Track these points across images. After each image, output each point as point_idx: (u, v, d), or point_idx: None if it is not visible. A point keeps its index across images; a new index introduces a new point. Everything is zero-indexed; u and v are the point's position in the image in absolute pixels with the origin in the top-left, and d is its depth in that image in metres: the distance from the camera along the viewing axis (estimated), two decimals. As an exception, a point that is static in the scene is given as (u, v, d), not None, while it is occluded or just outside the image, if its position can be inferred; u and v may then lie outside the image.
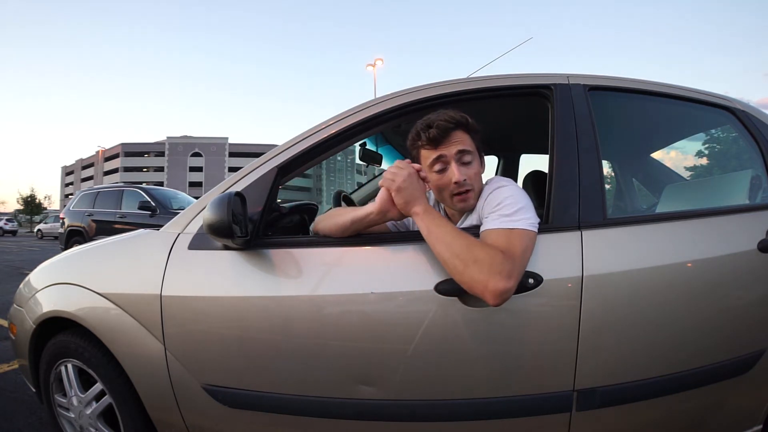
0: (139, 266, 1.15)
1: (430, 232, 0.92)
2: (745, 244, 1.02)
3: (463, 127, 1.02)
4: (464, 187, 1.01)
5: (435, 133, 1.00)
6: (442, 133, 1.00)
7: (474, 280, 0.83)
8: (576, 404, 0.94)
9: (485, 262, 0.83)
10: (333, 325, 0.97)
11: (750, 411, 1.08)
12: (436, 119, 1.01)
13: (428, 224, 0.93)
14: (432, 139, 1.01)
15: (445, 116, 1.01)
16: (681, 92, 1.25)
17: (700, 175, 1.94)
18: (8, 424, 1.70)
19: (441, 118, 1.00)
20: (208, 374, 1.04)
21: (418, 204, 0.96)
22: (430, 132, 1.00)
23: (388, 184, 0.97)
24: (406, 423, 0.96)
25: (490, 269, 0.82)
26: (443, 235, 0.90)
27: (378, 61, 18.96)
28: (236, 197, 0.95)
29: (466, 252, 0.86)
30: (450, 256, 0.87)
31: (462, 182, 1.00)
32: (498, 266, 0.83)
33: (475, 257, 0.84)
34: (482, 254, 0.85)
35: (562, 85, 1.13)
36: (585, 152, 1.05)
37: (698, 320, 0.98)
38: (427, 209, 0.96)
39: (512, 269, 0.83)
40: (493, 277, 0.82)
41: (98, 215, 6.56)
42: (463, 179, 1.00)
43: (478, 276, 0.83)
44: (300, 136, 1.14)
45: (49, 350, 1.30)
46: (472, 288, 0.84)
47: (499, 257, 0.84)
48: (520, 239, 0.89)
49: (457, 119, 1.01)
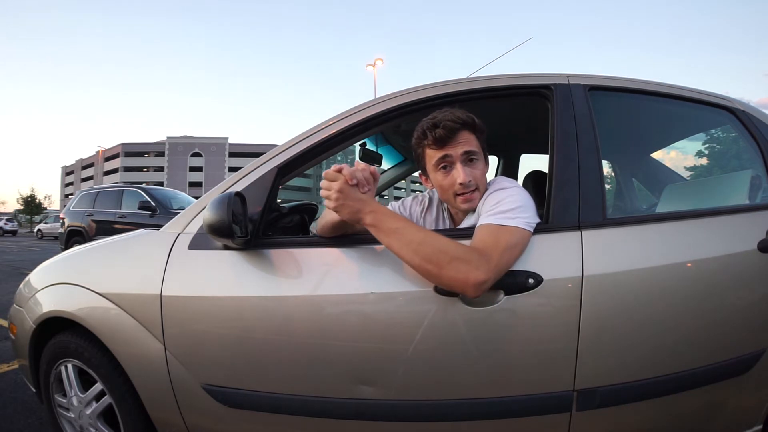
0: (139, 266, 1.15)
1: (390, 241, 0.88)
2: (745, 244, 1.02)
3: (469, 128, 1.01)
4: (469, 188, 1.00)
5: (441, 133, 0.99)
6: (448, 133, 0.99)
7: (451, 279, 0.84)
8: (576, 404, 0.94)
9: (460, 260, 0.84)
10: (333, 325, 0.97)
11: (750, 411, 1.08)
12: (442, 119, 1.00)
13: (385, 232, 0.89)
14: (438, 139, 1.00)
15: (452, 116, 1.00)
16: (681, 92, 1.25)
17: (700, 175, 1.93)
18: (8, 424, 1.70)
19: (448, 117, 1.00)
20: (208, 374, 1.04)
21: (364, 213, 0.90)
22: (437, 132, 0.99)
23: (326, 204, 0.93)
24: (406, 423, 0.96)
25: (467, 264, 0.83)
26: (406, 241, 0.87)
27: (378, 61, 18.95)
28: (236, 197, 0.95)
29: (438, 254, 0.85)
30: (421, 261, 0.85)
31: (467, 183, 0.99)
32: (475, 261, 0.84)
33: (448, 258, 0.84)
34: (455, 253, 0.85)
35: (562, 85, 1.13)
36: (585, 152, 1.05)
37: (698, 320, 0.98)
38: (377, 216, 0.90)
39: (487, 262, 0.84)
40: (473, 272, 0.83)
41: (98, 215, 6.56)
42: (468, 180, 0.99)
43: (453, 275, 0.83)
44: (300, 136, 1.14)
45: (49, 350, 1.30)
46: (451, 286, 0.86)
47: (474, 254, 0.85)
48: (508, 236, 0.89)
49: (464, 119, 1.00)
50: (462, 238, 0.98)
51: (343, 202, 0.90)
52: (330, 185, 0.91)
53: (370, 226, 0.90)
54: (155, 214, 5.76)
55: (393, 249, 0.89)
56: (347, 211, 0.90)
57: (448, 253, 0.85)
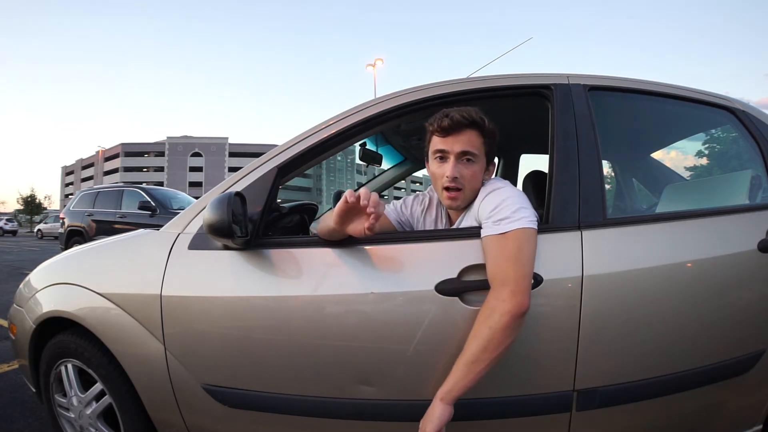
0: (139, 266, 1.15)
1: (471, 381, 0.87)
2: (745, 244, 1.02)
3: (476, 128, 1.01)
4: (454, 184, 1.00)
5: (447, 124, 0.99)
6: (453, 126, 0.99)
7: (507, 326, 0.85)
8: (576, 404, 0.94)
9: (492, 313, 0.85)
10: (333, 325, 0.97)
11: (750, 411, 1.08)
12: (453, 112, 1.00)
13: (468, 381, 0.87)
14: (442, 128, 1.01)
15: (463, 112, 1.00)
16: (681, 92, 1.25)
17: (700, 175, 1.93)
18: (8, 424, 1.70)
19: (459, 112, 1.00)
20: (208, 374, 1.04)
21: (444, 403, 0.88)
22: (444, 121, 1.00)
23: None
24: (406, 423, 0.96)
25: (503, 305, 0.85)
26: (473, 361, 0.86)
27: (378, 61, 18.98)
28: (236, 197, 0.95)
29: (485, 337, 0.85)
30: (492, 354, 0.85)
31: (452, 178, 1.00)
32: (504, 296, 0.85)
33: (494, 322, 0.85)
34: (487, 315, 0.86)
35: (562, 85, 1.13)
36: (585, 152, 1.05)
37: (698, 320, 0.98)
38: (451, 394, 0.87)
39: (515, 286, 0.86)
40: (511, 308, 0.84)
41: (98, 215, 6.56)
42: (453, 176, 0.99)
43: (505, 323, 0.85)
44: (300, 136, 1.14)
45: (49, 350, 1.29)
46: (515, 325, 0.86)
47: (497, 294, 0.86)
48: (516, 241, 0.89)
49: (473, 118, 1.00)
50: (461, 239, 0.99)
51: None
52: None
53: (451, 403, 0.88)
54: (155, 214, 5.76)
55: (479, 378, 0.87)
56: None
57: (487, 326, 0.85)
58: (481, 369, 0.86)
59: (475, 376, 0.86)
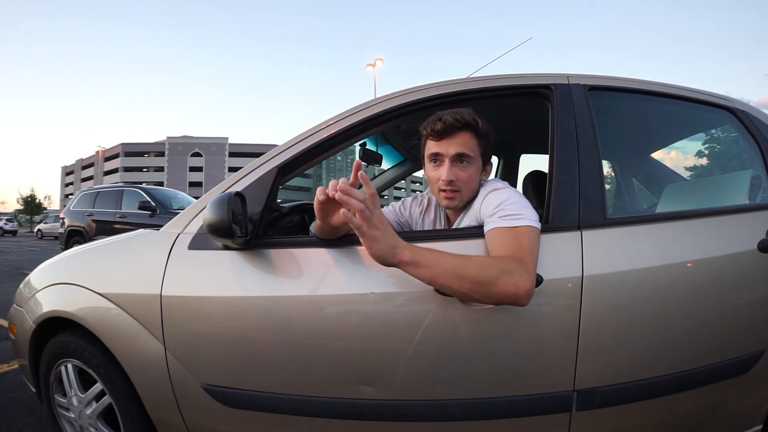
0: (139, 266, 1.15)
1: (435, 273, 0.82)
2: (745, 244, 1.02)
3: (470, 129, 1.01)
4: (451, 186, 1.01)
5: (440, 127, 1.00)
6: (446, 129, 1.00)
7: (505, 293, 0.81)
8: (576, 404, 0.94)
9: (505, 272, 0.81)
10: (333, 325, 0.97)
11: (750, 411, 1.08)
12: (445, 115, 1.00)
13: (427, 266, 0.82)
14: (435, 132, 1.01)
15: (455, 114, 1.00)
16: (681, 92, 1.25)
17: (700, 175, 1.93)
18: (8, 424, 1.70)
19: (451, 115, 1.00)
20: (208, 374, 1.04)
21: (400, 248, 0.82)
22: (437, 124, 1.00)
23: (365, 233, 0.80)
24: (406, 423, 0.96)
25: (511, 276, 0.81)
26: (449, 269, 0.82)
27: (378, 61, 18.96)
28: (236, 197, 0.95)
29: (483, 274, 0.81)
30: (471, 285, 0.81)
31: (448, 182, 1.00)
32: (516, 270, 0.82)
33: (494, 274, 0.81)
34: (497, 268, 0.82)
35: (562, 85, 1.13)
36: (585, 152, 1.05)
37: (698, 320, 0.98)
38: (415, 250, 0.83)
39: (526, 268, 0.83)
40: (519, 281, 0.81)
41: (98, 215, 6.56)
42: (450, 179, 1.00)
43: (505, 288, 0.81)
44: (300, 136, 1.14)
45: (49, 350, 1.29)
46: (504, 300, 0.83)
47: (512, 263, 0.83)
48: (527, 236, 0.88)
49: (466, 120, 1.00)
50: (460, 239, 0.98)
51: (384, 233, 0.81)
52: (372, 210, 0.80)
53: (408, 263, 0.82)
54: (155, 214, 5.76)
55: (438, 281, 0.83)
56: (383, 245, 0.81)
57: (491, 269, 0.82)
58: (443, 280, 0.82)
59: (433, 276, 0.82)
